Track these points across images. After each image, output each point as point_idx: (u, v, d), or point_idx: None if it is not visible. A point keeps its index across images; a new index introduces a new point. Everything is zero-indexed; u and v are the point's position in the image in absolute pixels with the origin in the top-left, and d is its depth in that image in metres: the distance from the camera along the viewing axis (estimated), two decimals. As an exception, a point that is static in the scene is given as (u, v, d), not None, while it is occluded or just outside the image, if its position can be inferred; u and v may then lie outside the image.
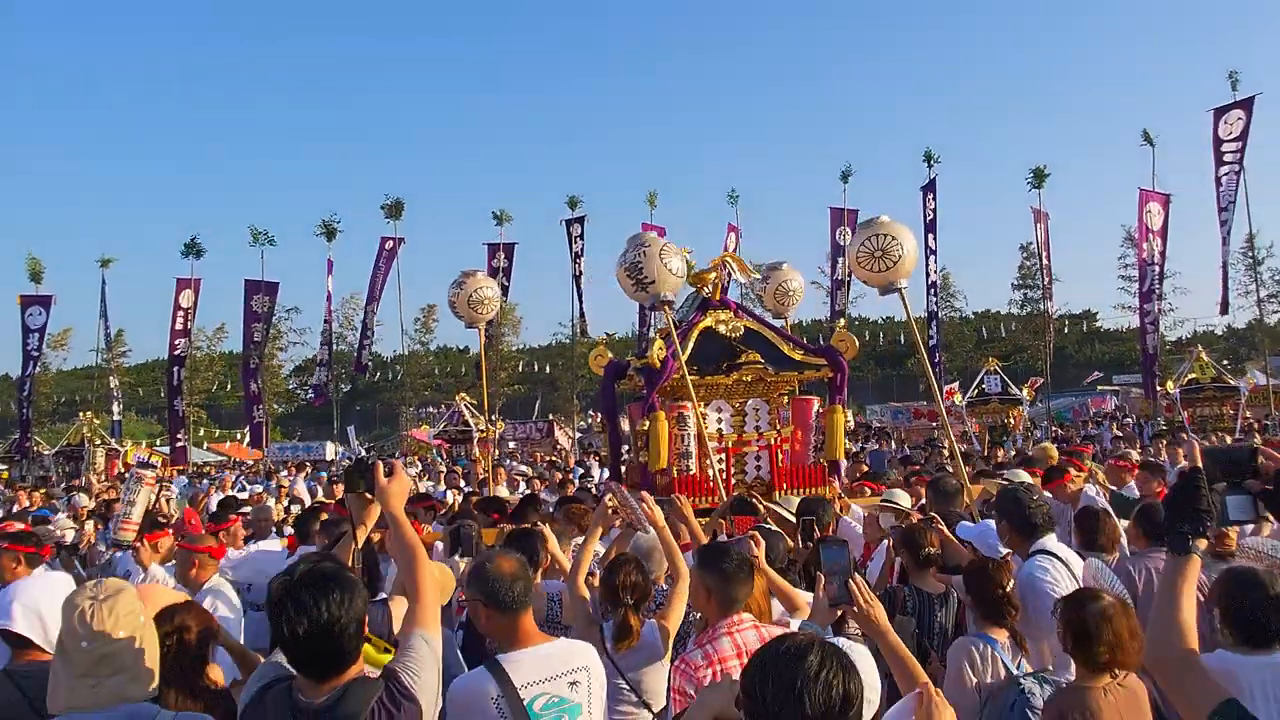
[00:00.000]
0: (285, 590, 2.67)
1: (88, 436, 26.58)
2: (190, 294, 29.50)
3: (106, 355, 34.86)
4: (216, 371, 47.00)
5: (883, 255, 7.52)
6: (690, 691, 3.53)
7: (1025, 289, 49.96)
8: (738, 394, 8.74)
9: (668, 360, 8.23)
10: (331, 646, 2.69)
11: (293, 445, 38.74)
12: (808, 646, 2.43)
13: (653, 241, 8.11)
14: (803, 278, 9.96)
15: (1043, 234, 33.40)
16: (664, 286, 8.00)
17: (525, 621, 3.52)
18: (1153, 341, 29.24)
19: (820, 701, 2.31)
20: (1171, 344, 49.63)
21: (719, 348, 8.64)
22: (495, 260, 34.16)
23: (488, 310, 10.88)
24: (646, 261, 7.95)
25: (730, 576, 3.81)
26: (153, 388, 59.47)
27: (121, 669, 2.81)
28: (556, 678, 3.44)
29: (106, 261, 29.62)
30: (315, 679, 2.72)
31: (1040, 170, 33.43)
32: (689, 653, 3.72)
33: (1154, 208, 28.01)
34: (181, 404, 29.74)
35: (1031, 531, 5.14)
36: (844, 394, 8.94)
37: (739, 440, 8.74)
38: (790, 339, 9.07)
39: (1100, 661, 3.66)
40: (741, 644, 3.69)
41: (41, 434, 32.36)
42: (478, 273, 10.83)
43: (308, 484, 21.89)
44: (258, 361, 32.13)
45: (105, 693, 2.78)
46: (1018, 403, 30.09)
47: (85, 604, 2.82)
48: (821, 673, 2.36)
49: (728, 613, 3.79)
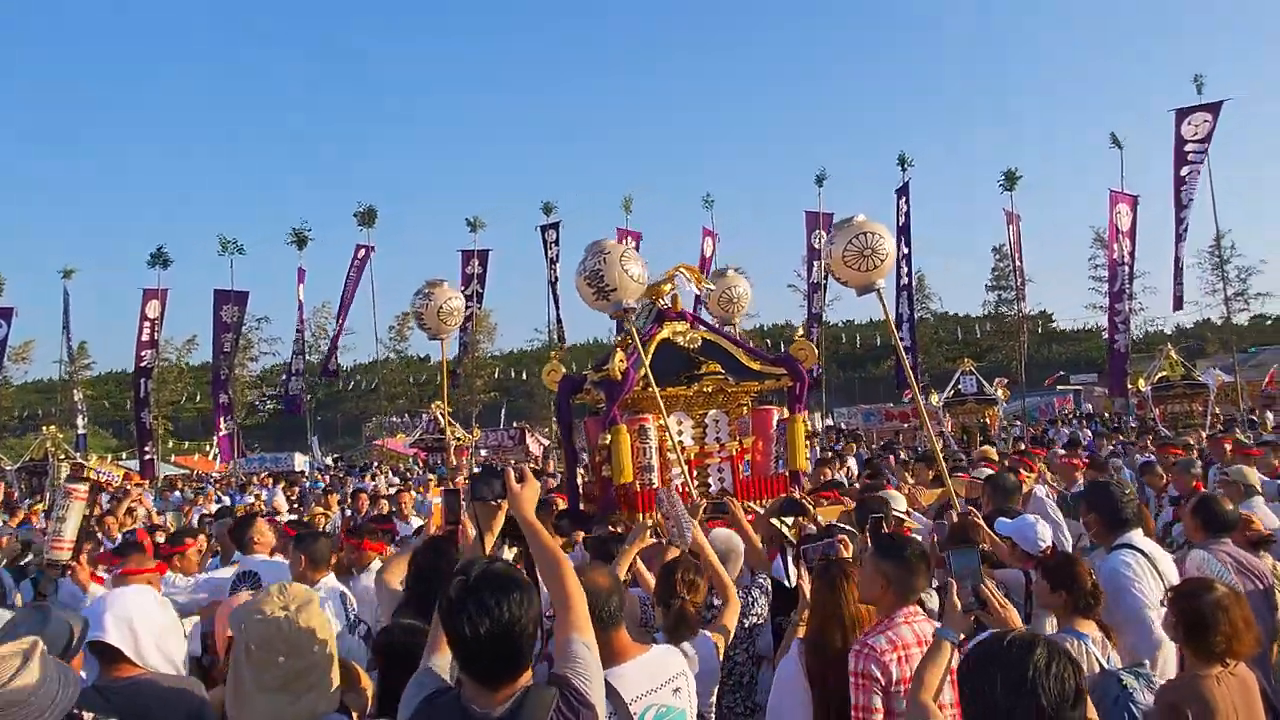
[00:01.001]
0: (466, 590, 2.60)
1: (51, 451, 26.14)
2: (157, 305, 29.15)
3: (69, 368, 34.38)
4: (185, 384, 46.53)
5: (871, 254, 7.38)
6: (876, 674, 3.56)
7: (999, 290, 50.28)
8: (698, 405, 8.57)
9: (628, 372, 8.05)
10: (511, 648, 2.61)
11: (260, 456, 38.31)
12: (1033, 641, 2.52)
13: (612, 248, 7.83)
14: (748, 283, 9.77)
15: (1014, 235, 33.47)
16: (626, 294, 7.72)
17: (622, 635, 3.51)
18: (1124, 341, 29.32)
19: (1055, 694, 2.41)
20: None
21: (678, 359, 8.47)
22: (470, 267, 33.98)
23: (456, 321, 10.66)
24: (607, 268, 7.68)
25: (912, 566, 3.85)
26: (114, 400, 58.87)
27: (316, 684, 2.80)
28: (661, 687, 3.43)
29: (69, 272, 29.25)
30: (491, 685, 2.62)
31: (1012, 173, 33.60)
32: (870, 637, 3.71)
33: (1123, 209, 28.16)
34: (149, 416, 29.34)
35: (1122, 525, 5.11)
36: (804, 403, 8.80)
37: (701, 452, 8.57)
38: (748, 349, 8.92)
39: (1216, 651, 3.66)
40: (920, 634, 3.70)
41: (2, 449, 31.93)
42: (444, 283, 10.55)
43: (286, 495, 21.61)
44: (228, 372, 31.79)
45: (303, 709, 2.76)
46: (993, 402, 30.23)
47: (280, 615, 2.78)
48: (1052, 666, 2.45)
49: (904, 602, 3.82)
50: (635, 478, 8.17)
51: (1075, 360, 63.55)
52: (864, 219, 7.60)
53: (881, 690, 3.58)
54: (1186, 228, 26.91)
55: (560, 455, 14.37)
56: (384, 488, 21.43)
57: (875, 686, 3.58)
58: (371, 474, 27.69)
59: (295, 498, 21.27)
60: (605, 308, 8.00)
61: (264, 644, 2.77)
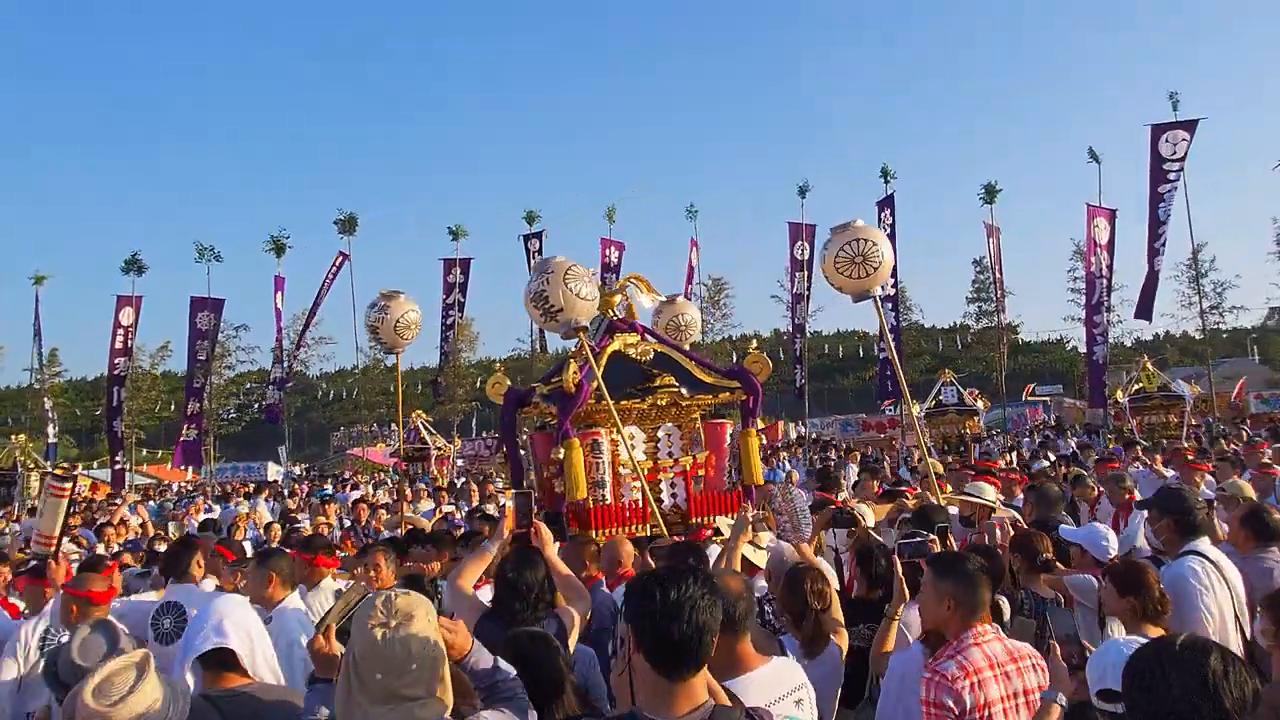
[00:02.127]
0: (658, 588, 2.61)
1: (20, 460, 25.80)
2: (131, 311, 28.84)
3: (40, 375, 34.00)
4: (158, 392, 46.13)
5: (864, 260, 7.27)
6: (949, 703, 3.50)
7: (980, 302, 50.32)
8: (649, 419, 8.41)
9: (582, 384, 7.89)
10: (702, 651, 2.60)
11: (231, 465, 38.01)
12: (1207, 645, 2.52)
13: (557, 267, 7.69)
14: (697, 311, 9.68)
15: (994, 248, 33.46)
16: (574, 313, 7.60)
17: (748, 643, 3.43)
18: (1101, 353, 29.32)
19: (1237, 698, 2.40)
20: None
21: (630, 371, 8.32)
22: (452, 275, 33.76)
23: (413, 334, 10.45)
24: (551, 289, 7.52)
25: (975, 581, 3.78)
26: (83, 408, 58.42)
27: (419, 697, 2.80)
28: (784, 698, 3.34)
29: (40, 279, 28.96)
30: (678, 676, 2.59)
31: (992, 186, 33.53)
32: (939, 664, 3.64)
33: (1101, 223, 28.27)
34: (120, 425, 28.98)
35: (1192, 531, 5.17)
36: (757, 416, 8.66)
37: (654, 467, 8.41)
38: (700, 361, 8.78)
39: None
40: (991, 656, 3.65)
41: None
42: (400, 295, 10.32)
43: (269, 505, 21.32)
44: (203, 380, 31.48)
45: (402, 716, 2.77)
46: (974, 413, 30.23)
47: (378, 632, 2.78)
48: (1229, 671, 2.43)
49: (970, 622, 3.73)
50: (589, 493, 8.03)
51: (1040, 372, 64.25)
52: (861, 224, 7.48)
53: (955, 719, 3.53)
54: (1165, 243, 27.02)
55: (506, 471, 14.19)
56: (383, 496, 21.22)
57: (949, 715, 3.52)
58: (350, 484, 27.49)
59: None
60: (555, 328, 7.83)
61: (364, 659, 2.78)
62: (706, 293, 44.41)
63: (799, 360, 33.55)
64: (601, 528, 7.79)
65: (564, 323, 7.62)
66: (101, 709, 2.88)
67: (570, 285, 7.52)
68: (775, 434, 38.46)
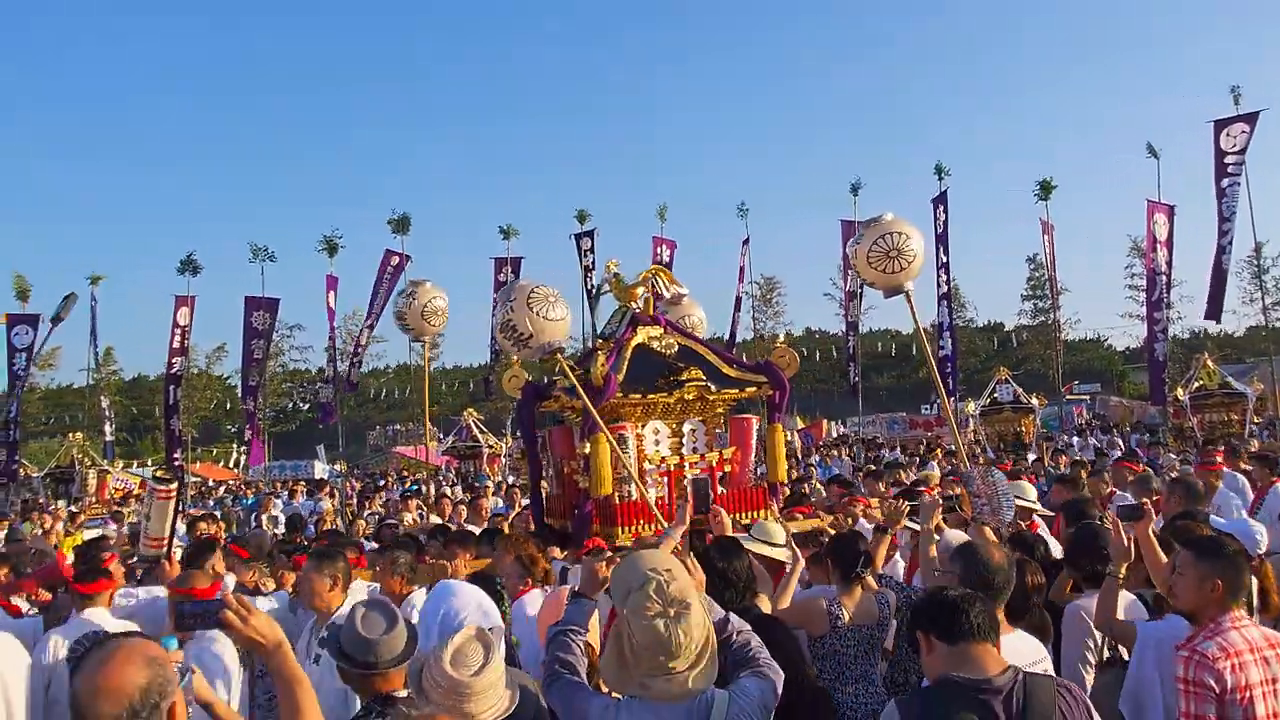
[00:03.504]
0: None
1: (78, 458, 26.26)
2: (187, 311, 29.19)
3: (96, 375, 34.53)
4: (214, 391, 46.65)
5: (898, 255, 7.05)
6: (1210, 682, 3.51)
7: (1035, 300, 49.53)
8: (675, 414, 8.24)
9: (609, 377, 7.74)
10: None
11: (279, 464, 38.28)
12: None
13: (519, 291, 7.45)
14: (703, 311, 9.50)
15: (1049, 245, 32.92)
16: (545, 336, 7.40)
17: (1002, 612, 3.72)
18: (1162, 350, 28.66)
19: None
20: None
21: (656, 365, 8.15)
22: (502, 274, 33.73)
23: (439, 322, 10.41)
24: (517, 316, 7.31)
25: (1239, 564, 3.81)
26: (140, 406, 59.18)
27: (696, 673, 3.07)
28: (1030, 667, 3.47)
29: (96, 279, 29.35)
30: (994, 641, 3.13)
31: (1047, 182, 32.94)
32: (1199, 643, 3.66)
33: (1160, 218, 27.63)
34: (178, 423, 29.37)
35: None
36: (783, 412, 8.47)
37: (679, 463, 8.20)
38: (725, 355, 8.60)
39: None
40: (1250, 640, 3.66)
41: (26, 454, 32.05)
42: (426, 282, 10.34)
43: (305, 505, 21.30)
44: (258, 379, 31.77)
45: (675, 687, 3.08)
46: (1030, 411, 29.81)
47: (658, 622, 3.01)
48: None
49: (1230, 605, 3.74)
50: (615, 490, 7.89)
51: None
52: (892, 217, 7.27)
53: (1215, 699, 3.52)
54: (1231, 239, 26.36)
55: (523, 468, 14.08)
56: (460, 494, 21.13)
57: (1209, 695, 3.53)
58: (406, 482, 27.49)
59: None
60: (530, 355, 7.60)
61: (646, 648, 3.02)
62: (759, 291, 43.99)
63: (852, 358, 33.17)
64: (627, 524, 7.65)
65: (538, 348, 7.42)
66: (464, 678, 3.18)
67: (535, 309, 7.28)
68: (820, 432, 38.14)
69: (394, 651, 3.45)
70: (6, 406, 24.98)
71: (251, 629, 2.77)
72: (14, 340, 24.60)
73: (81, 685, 2.25)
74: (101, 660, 2.27)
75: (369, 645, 3.41)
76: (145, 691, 2.24)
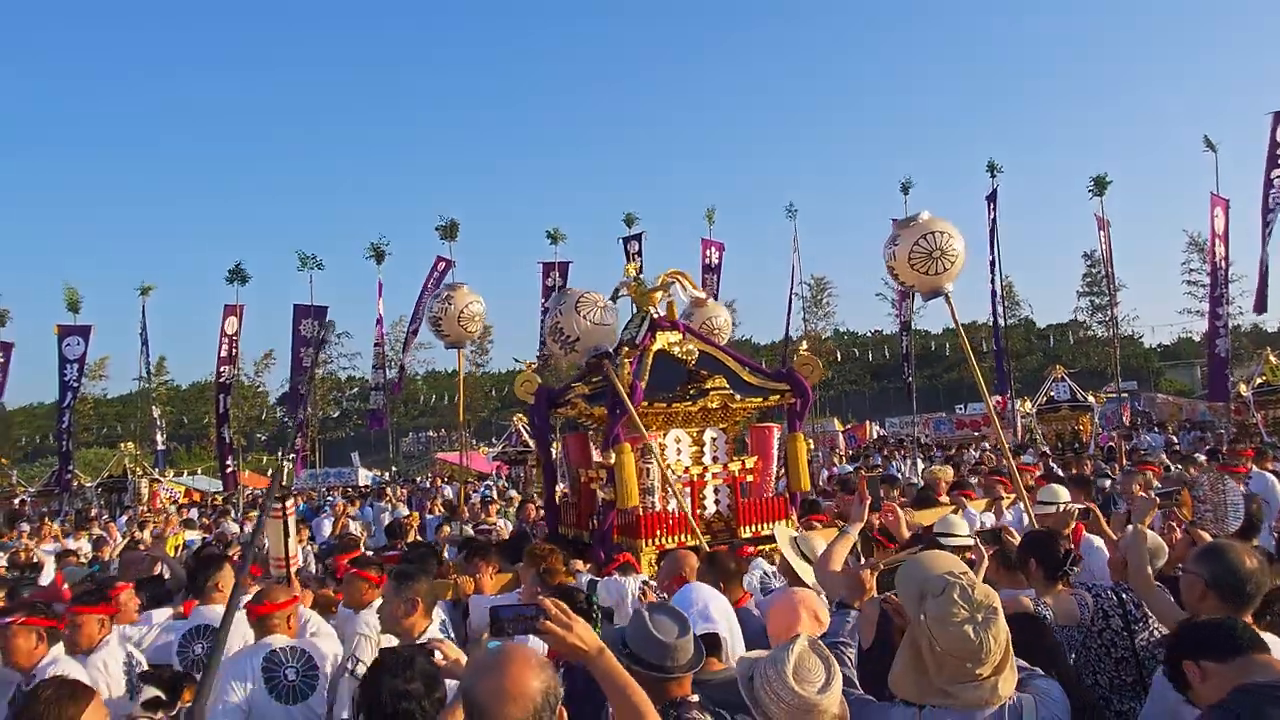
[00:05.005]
0: None
1: (130, 467, 26.55)
2: (235, 320, 29.42)
3: (148, 384, 34.92)
4: (262, 400, 47.23)
5: (941, 255, 6.78)
6: None
7: (1091, 296, 48.77)
8: (696, 422, 8.02)
9: (634, 385, 7.54)
10: None
11: (324, 471, 38.41)
12: None
13: (569, 297, 7.51)
14: (728, 314, 9.28)
15: (1105, 241, 32.35)
16: (592, 340, 7.42)
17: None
18: (1224, 345, 27.97)
19: None
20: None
21: (676, 372, 7.93)
22: (550, 279, 33.70)
23: (476, 328, 10.22)
24: (565, 319, 7.39)
25: None
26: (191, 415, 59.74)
27: (998, 675, 2.96)
28: None
29: (146, 289, 29.65)
30: None
31: (1101, 178, 32.40)
32: None
33: (1219, 212, 27.01)
34: (229, 431, 29.61)
35: None
36: (804, 420, 8.21)
37: (701, 473, 8.02)
38: (745, 362, 8.37)
39: None
40: None
41: (82, 465, 32.53)
42: (463, 286, 10.11)
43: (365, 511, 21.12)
44: (307, 388, 32.01)
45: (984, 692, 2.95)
46: (1087, 409, 29.30)
47: (966, 629, 2.90)
48: None
49: None
50: (639, 501, 7.68)
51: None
52: (929, 216, 7.02)
53: None
54: (1271, 231, 25.74)
55: (538, 474, 13.97)
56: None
57: None
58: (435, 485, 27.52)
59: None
60: (577, 359, 7.60)
61: (954, 653, 2.91)
62: (809, 292, 43.67)
63: (906, 358, 32.74)
64: (650, 536, 7.46)
65: (586, 351, 7.41)
66: (811, 696, 2.94)
67: (584, 314, 7.34)
68: (863, 434, 37.71)
69: (687, 655, 3.34)
70: (59, 418, 25.22)
71: (576, 637, 2.73)
72: (65, 351, 24.81)
73: (485, 690, 2.33)
74: (502, 666, 2.36)
75: (666, 649, 3.29)
76: (545, 695, 2.34)
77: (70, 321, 25.58)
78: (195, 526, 18.95)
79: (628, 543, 7.48)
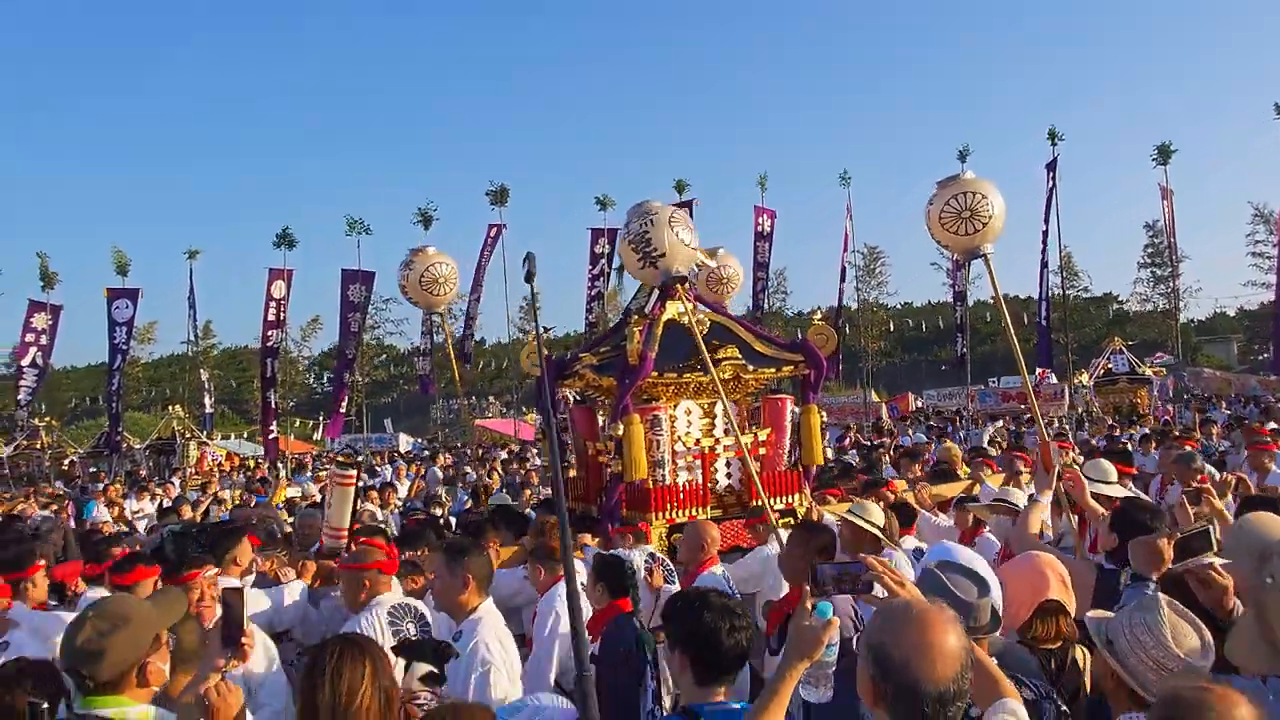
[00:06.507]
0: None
1: (178, 430, 26.80)
2: (282, 285, 29.49)
3: (195, 348, 35.19)
4: (310, 363, 47.51)
5: (971, 216, 6.44)
6: None
7: (1153, 268, 47.61)
8: (707, 393, 7.74)
9: (645, 354, 7.27)
10: None
11: (363, 438, 38.43)
12: None
13: (659, 209, 7.18)
14: (739, 263, 8.93)
15: (1169, 211, 31.51)
16: (676, 260, 7.13)
17: None
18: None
19: None
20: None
21: (687, 342, 7.63)
22: (598, 246, 33.40)
23: (445, 290, 9.70)
24: (655, 231, 7.06)
25: None
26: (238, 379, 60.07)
27: None
28: None
29: (194, 253, 29.89)
30: None
31: (1165, 147, 31.48)
32: None
33: (1284, 181, 26.11)
34: (274, 396, 29.74)
35: None
36: (818, 392, 7.91)
37: (712, 445, 7.77)
38: (756, 332, 8.06)
39: None
40: None
41: (130, 427, 32.85)
42: (427, 249, 9.61)
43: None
44: (354, 352, 32.01)
45: None
46: (1146, 382, 28.63)
47: None
48: None
49: None
50: (649, 473, 7.44)
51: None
52: (971, 176, 6.68)
53: None
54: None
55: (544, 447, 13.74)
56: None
57: None
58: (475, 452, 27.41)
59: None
60: (652, 277, 7.32)
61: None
62: (863, 261, 42.98)
63: (960, 328, 32.09)
64: (660, 510, 7.24)
65: (664, 270, 7.15)
66: (1195, 662, 2.83)
67: (676, 229, 7.06)
68: (906, 405, 37.19)
69: (987, 617, 3.27)
70: (109, 380, 25.46)
71: (910, 593, 2.72)
72: (114, 314, 24.98)
73: (911, 646, 2.26)
74: (929, 623, 2.30)
75: (967, 609, 3.18)
76: (968, 653, 2.29)
77: (119, 285, 25.79)
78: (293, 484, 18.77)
79: (637, 516, 7.27)
